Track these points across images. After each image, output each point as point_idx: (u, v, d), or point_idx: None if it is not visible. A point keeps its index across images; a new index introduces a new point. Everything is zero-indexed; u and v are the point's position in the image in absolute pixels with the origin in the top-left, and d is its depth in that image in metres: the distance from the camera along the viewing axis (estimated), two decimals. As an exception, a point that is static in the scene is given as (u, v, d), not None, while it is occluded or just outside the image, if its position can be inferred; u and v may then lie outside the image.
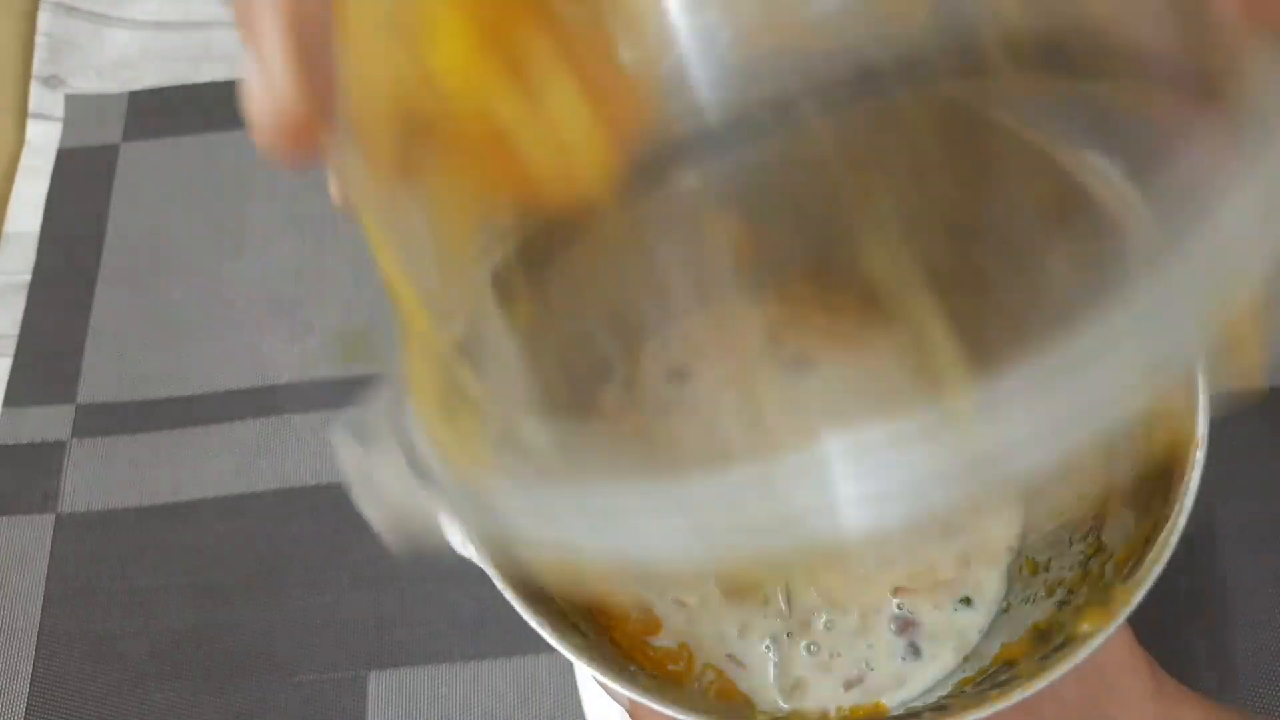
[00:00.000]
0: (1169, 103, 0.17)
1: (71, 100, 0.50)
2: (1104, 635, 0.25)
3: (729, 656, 0.31)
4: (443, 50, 0.16)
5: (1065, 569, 0.30)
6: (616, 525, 0.17)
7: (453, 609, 0.38)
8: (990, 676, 0.28)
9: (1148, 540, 0.26)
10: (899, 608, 0.32)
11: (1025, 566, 0.32)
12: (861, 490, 0.16)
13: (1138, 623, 0.27)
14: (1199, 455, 0.26)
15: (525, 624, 0.26)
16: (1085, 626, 0.25)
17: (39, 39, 0.51)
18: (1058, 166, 0.19)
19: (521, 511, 0.18)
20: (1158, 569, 0.25)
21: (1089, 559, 0.29)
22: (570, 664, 0.31)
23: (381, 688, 0.38)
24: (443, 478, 0.20)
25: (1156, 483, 0.27)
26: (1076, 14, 0.17)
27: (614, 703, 0.30)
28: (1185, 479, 0.26)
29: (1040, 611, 0.29)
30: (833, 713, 0.30)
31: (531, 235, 0.18)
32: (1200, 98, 0.17)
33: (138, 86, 0.50)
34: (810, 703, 0.31)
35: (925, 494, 0.16)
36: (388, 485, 0.21)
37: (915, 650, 0.31)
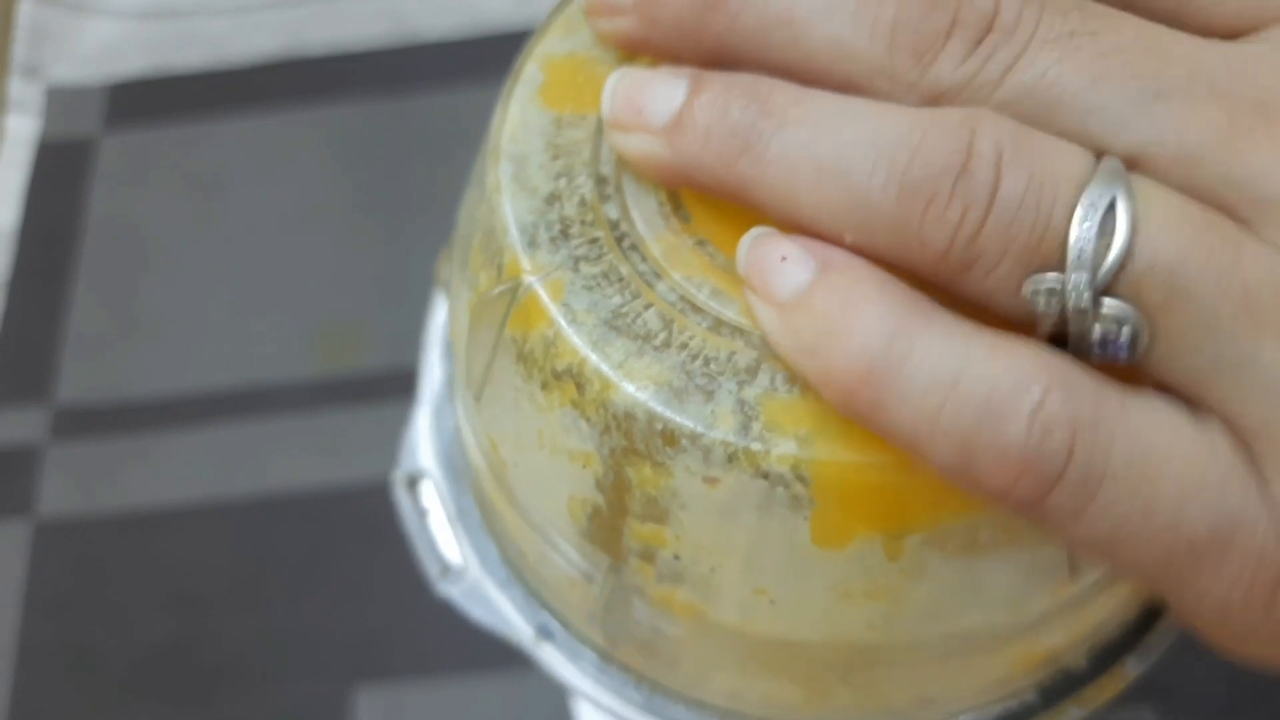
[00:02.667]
0: None
1: (51, 92, 0.48)
2: None
3: None
4: None
5: None
6: None
7: (442, 619, 0.37)
8: None
9: None
10: None
11: None
12: None
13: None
14: None
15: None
16: None
17: (18, 29, 0.49)
18: None
19: None
20: None
21: None
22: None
23: (369, 701, 0.37)
24: None
25: None
26: None
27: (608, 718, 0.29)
28: None
29: None
30: None
31: None
32: None
33: (119, 77, 0.49)
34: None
35: None
36: None
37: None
